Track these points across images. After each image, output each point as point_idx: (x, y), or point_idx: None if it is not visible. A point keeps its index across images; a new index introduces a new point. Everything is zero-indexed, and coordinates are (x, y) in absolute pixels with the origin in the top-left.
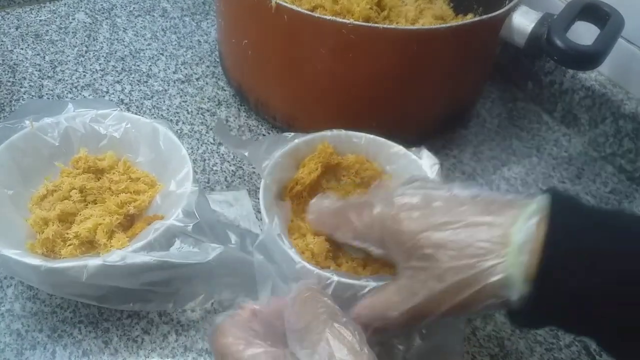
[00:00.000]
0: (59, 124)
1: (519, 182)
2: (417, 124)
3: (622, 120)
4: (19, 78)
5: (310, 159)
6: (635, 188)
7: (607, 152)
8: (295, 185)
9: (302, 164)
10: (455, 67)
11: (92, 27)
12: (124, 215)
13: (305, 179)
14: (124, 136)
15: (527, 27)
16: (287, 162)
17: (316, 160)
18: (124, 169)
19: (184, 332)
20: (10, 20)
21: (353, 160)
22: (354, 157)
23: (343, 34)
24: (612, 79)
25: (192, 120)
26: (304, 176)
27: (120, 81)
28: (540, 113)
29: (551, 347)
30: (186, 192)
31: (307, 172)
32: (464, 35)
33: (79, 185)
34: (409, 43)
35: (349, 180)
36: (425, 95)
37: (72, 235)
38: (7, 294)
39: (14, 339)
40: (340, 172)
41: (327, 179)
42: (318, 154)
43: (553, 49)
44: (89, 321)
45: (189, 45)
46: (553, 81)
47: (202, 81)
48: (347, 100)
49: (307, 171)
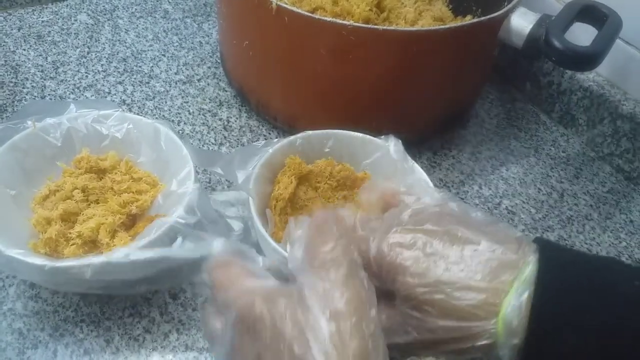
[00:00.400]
0: (61, 125)
1: (517, 182)
2: (416, 124)
3: (620, 121)
4: (22, 79)
5: (282, 173)
6: (633, 188)
7: (605, 152)
8: (277, 202)
9: (276, 180)
10: (454, 68)
11: (94, 29)
12: (126, 215)
13: (283, 194)
14: (125, 136)
15: (525, 29)
16: (264, 172)
17: (289, 174)
18: (126, 169)
19: (185, 331)
20: (12, 22)
21: (323, 165)
22: (323, 162)
23: (343, 36)
24: (610, 80)
25: (194, 120)
26: (281, 192)
27: (122, 82)
28: (539, 113)
29: None
30: (187, 191)
31: (283, 187)
32: (462, 36)
33: (81, 185)
34: (409, 44)
35: (325, 185)
36: (424, 96)
37: (75, 235)
38: (9, 293)
39: (16, 337)
40: (314, 179)
41: (303, 190)
42: (288, 168)
43: (551, 50)
44: (91, 320)
45: (190, 46)
46: (551, 82)
47: (203, 82)
48: (347, 100)
49: (282, 186)
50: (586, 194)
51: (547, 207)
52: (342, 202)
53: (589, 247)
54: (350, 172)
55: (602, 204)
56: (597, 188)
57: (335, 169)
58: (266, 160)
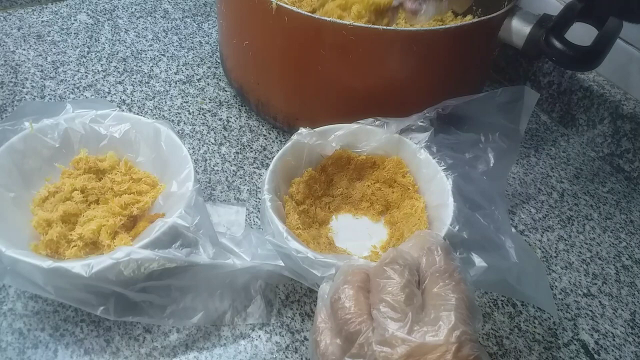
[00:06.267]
0: (58, 125)
1: (517, 182)
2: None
3: (620, 121)
4: (21, 79)
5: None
6: (633, 188)
7: (605, 152)
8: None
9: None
10: (454, 68)
11: (93, 28)
12: (127, 216)
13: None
14: (124, 136)
15: (525, 29)
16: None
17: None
18: (125, 169)
19: (185, 331)
20: (12, 21)
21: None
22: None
23: (343, 36)
24: (610, 80)
25: (194, 120)
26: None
27: (122, 82)
28: (539, 113)
29: (550, 345)
30: (187, 192)
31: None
32: (463, 36)
33: (80, 186)
34: (409, 44)
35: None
36: (424, 96)
37: (76, 237)
38: (9, 293)
39: (16, 337)
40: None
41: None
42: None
43: (551, 50)
44: (91, 320)
45: (190, 46)
46: (551, 82)
47: (203, 82)
48: (347, 100)
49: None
50: (586, 194)
51: (547, 207)
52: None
53: (589, 247)
54: (366, 159)
55: (602, 204)
56: (597, 188)
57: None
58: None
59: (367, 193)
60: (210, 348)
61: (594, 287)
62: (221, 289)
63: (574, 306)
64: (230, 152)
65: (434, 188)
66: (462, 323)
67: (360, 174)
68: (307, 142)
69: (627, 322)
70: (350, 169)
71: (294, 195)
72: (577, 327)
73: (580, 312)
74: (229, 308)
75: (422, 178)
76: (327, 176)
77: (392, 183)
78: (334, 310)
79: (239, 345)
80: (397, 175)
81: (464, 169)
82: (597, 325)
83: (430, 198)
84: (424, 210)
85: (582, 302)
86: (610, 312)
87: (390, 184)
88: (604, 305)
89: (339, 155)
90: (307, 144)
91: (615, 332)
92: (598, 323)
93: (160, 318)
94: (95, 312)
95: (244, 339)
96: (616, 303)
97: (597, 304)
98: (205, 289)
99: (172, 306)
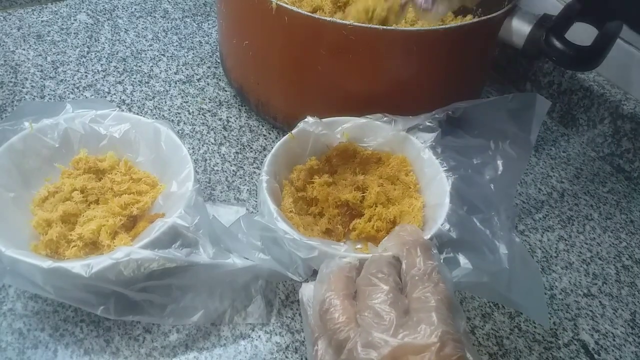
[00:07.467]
0: (58, 125)
1: (517, 182)
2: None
3: (621, 121)
4: (21, 79)
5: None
6: (633, 188)
7: (606, 152)
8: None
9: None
10: (454, 68)
11: (93, 28)
12: (127, 216)
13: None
14: (124, 136)
15: (525, 28)
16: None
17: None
18: (125, 169)
19: (185, 331)
20: (12, 21)
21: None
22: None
23: (343, 35)
24: (610, 80)
25: (194, 120)
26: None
27: (121, 82)
28: None
29: (550, 345)
30: (187, 192)
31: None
32: (463, 36)
33: (79, 185)
34: (409, 44)
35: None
36: (424, 96)
37: (76, 237)
38: (9, 293)
39: (16, 337)
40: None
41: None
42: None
43: (551, 50)
44: (91, 320)
45: (190, 46)
46: (552, 82)
47: (203, 82)
48: (347, 100)
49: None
50: (586, 194)
51: (547, 207)
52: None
53: (589, 247)
54: (371, 154)
55: (602, 204)
56: (598, 188)
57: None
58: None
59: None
60: (210, 348)
61: (594, 287)
62: (221, 288)
63: (574, 306)
64: (230, 152)
65: (434, 188)
66: (443, 323)
67: (365, 168)
68: (313, 131)
69: (627, 322)
70: (355, 163)
71: (294, 181)
72: (577, 327)
73: (580, 312)
74: (228, 307)
75: (423, 177)
76: (331, 167)
77: (394, 180)
78: (323, 322)
79: (239, 345)
80: (400, 173)
81: (467, 172)
82: (597, 325)
83: (429, 197)
84: (420, 209)
85: (582, 302)
86: (610, 312)
87: (393, 181)
88: (604, 306)
89: (345, 147)
90: (312, 133)
91: (616, 332)
92: (598, 323)
93: (160, 317)
94: (96, 311)
95: (244, 339)
96: (616, 303)
97: (597, 304)
98: (206, 289)
99: (172, 305)
